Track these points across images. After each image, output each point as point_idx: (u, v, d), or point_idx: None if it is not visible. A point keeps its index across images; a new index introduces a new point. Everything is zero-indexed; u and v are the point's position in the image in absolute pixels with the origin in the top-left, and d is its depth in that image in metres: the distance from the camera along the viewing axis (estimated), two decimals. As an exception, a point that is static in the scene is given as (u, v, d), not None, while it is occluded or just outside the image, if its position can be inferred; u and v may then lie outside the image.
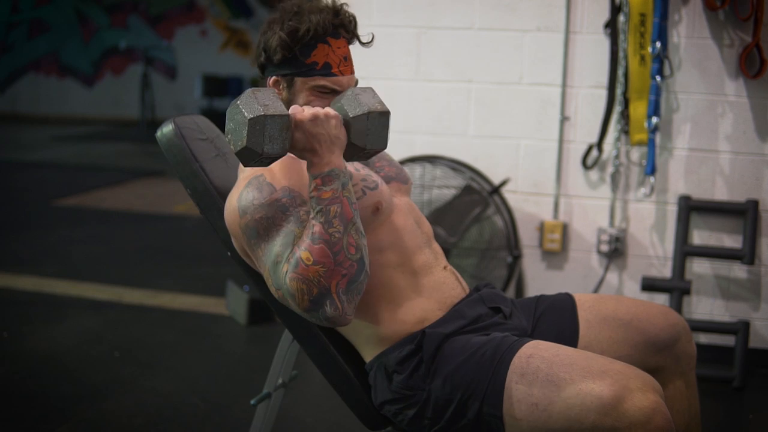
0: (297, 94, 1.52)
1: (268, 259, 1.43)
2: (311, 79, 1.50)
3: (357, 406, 1.67)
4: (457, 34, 3.01)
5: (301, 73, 1.51)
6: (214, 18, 11.46)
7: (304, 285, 1.36)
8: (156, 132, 1.69)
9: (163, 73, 11.57)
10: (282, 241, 1.42)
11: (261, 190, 1.47)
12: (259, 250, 1.45)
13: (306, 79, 1.51)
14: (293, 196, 1.47)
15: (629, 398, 1.33)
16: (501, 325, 1.60)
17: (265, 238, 1.44)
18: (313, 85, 1.51)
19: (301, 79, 1.51)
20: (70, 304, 3.55)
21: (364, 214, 1.53)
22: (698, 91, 2.86)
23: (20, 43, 12.06)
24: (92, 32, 11.88)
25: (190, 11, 11.52)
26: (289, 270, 1.38)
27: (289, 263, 1.39)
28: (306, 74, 1.50)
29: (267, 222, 1.44)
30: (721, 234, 2.92)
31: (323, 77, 1.50)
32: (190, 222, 5.34)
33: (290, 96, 1.53)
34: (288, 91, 1.53)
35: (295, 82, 1.52)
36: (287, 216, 1.44)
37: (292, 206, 1.45)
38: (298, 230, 1.42)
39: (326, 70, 1.50)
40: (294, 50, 1.49)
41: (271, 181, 1.48)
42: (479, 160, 3.02)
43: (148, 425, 2.42)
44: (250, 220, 1.45)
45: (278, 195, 1.46)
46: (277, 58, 1.50)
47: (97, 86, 11.96)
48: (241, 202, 1.47)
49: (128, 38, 11.29)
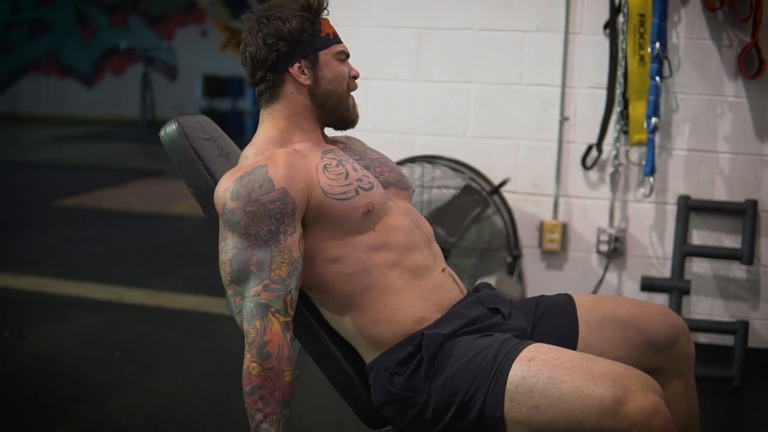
0: (325, 67, 1.62)
1: (240, 253, 1.47)
2: (332, 48, 1.62)
3: (357, 405, 1.67)
4: (457, 34, 3.02)
5: (323, 46, 1.61)
6: (214, 18, 11.47)
7: (248, 335, 1.46)
8: (159, 131, 1.70)
9: (164, 73, 11.57)
10: (260, 252, 1.46)
11: (261, 184, 1.47)
12: (231, 238, 1.48)
13: (327, 51, 1.62)
14: (286, 201, 1.48)
15: (630, 400, 1.33)
16: (500, 326, 1.60)
17: (243, 233, 1.46)
18: (335, 53, 1.63)
19: (324, 52, 1.62)
20: (70, 304, 3.55)
21: (354, 215, 1.54)
22: (697, 91, 2.86)
23: (21, 43, 12.07)
24: (92, 32, 11.89)
25: (190, 11, 11.53)
26: (258, 315, 1.45)
27: (265, 314, 1.45)
28: (327, 45, 1.62)
29: (253, 218, 1.46)
30: (720, 234, 2.93)
31: (338, 44, 1.64)
32: (190, 222, 5.34)
33: (317, 74, 1.61)
34: (313, 71, 1.61)
35: (319, 56, 1.61)
36: (272, 223, 1.46)
37: (281, 215, 1.47)
38: (275, 250, 1.46)
39: (336, 38, 1.64)
40: (314, 22, 1.60)
41: (273, 176, 1.49)
42: (479, 160, 3.03)
43: (148, 425, 2.43)
44: (238, 208, 1.47)
45: (273, 196, 1.47)
46: (305, 37, 1.59)
47: (98, 86, 11.97)
48: (237, 186, 1.48)
49: (128, 38, 11.30)
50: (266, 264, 1.46)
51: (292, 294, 1.48)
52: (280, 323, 1.45)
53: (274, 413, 1.45)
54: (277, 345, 1.44)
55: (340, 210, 1.53)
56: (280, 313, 1.46)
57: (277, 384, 1.44)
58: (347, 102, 1.66)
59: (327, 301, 1.60)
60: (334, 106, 1.64)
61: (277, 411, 1.45)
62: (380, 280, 1.56)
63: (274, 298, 1.45)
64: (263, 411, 1.44)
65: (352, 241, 1.55)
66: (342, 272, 1.55)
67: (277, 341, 1.44)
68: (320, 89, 1.62)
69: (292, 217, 1.49)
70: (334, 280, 1.56)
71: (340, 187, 1.54)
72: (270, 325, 1.44)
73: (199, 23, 11.51)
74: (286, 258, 1.47)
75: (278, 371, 1.44)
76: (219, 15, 11.44)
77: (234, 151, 1.78)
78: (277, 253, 1.46)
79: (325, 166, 1.56)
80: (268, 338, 1.44)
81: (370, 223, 1.56)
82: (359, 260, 1.55)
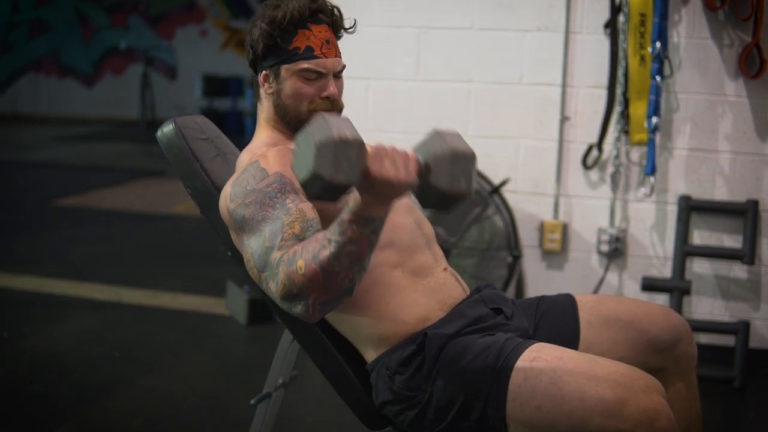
0: (284, 82, 1.56)
1: (255, 243, 1.41)
2: (295, 65, 1.53)
3: (357, 406, 1.66)
4: (457, 34, 3.01)
5: (285, 60, 1.54)
6: (214, 18, 11.47)
7: (288, 281, 1.32)
8: (156, 132, 1.69)
9: (163, 73, 11.57)
10: (270, 227, 1.40)
11: (254, 176, 1.47)
12: (244, 234, 1.45)
13: (290, 66, 1.54)
14: (284, 182, 1.46)
15: (633, 400, 1.33)
16: (503, 326, 1.60)
17: (251, 223, 1.43)
18: (297, 70, 1.54)
19: (286, 67, 1.54)
20: (70, 304, 3.54)
21: None
22: (698, 91, 2.86)
23: (21, 43, 12.07)
24: (92, 32, 11.89)
25: (190, 11, 11.53)
26: (283, 261, 1.34)
27: (285, 255, 1.34)
28: (289, 60, 1.53)
29: (255, 207, 1.43)
30: (721, 234, 2.92)
31: (306, 60, 1.53)
32: (190, 222, 5.34)
33: (278, 86, 1.56)
34: (276, 82, 1.57)
35: (281, 70, 1.55)
36: (274, 202, 1.43)
37: (281, 193, 1.44)
38: (285, 217, 1.39)
39: (308, 53, 1.53)
40: (275, 38, 1.52)
41: (265, 166, 1.48)
42: (479, 160, 3.00)
43: (148, 425, 2.42)
44: (239, 206, 1.46)
45: (269, 180, 1.46)
46: (261, 49, 1.53)
47: (98, 86, 11.97)
48: (233, 188, 1.49)
49: (128, 38, 11.29)
50: (278, 231, 1.38)
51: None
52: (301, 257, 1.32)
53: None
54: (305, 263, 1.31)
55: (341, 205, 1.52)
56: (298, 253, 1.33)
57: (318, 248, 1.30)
58: (308, 119, 1.47)
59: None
60: (292, 121, 1.59)
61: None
62: (383, 279, 1.56)
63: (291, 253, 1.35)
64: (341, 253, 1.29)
65: None
66: None
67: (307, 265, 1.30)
68: (281, 102, 1.59)
69: (295, 194, 1.44)
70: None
71: None
72: (296, 266, 1.31)
73: (199, 23, 11.51)
74: (298, 217, 1.39)
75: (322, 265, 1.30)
76: (219, 15, 11.44)
77: (231, 151, 1.77)
78: (287, 217, 1.39)
79: None
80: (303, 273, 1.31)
81: None
82: None
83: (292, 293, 1.32)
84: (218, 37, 11.43)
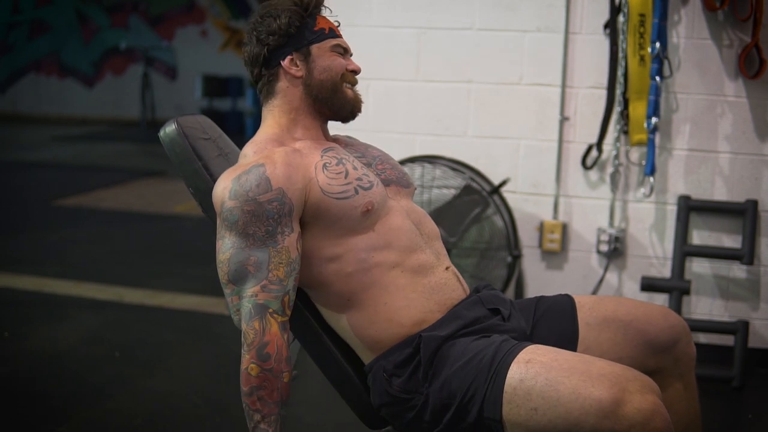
0: (317, 60, 1.63)
1: (237, 251, 1.47)
2: (326, 42, 1.64)
3: (357, 406, 1.67)
4: (457, 34, 3.02)
5: (314, 40, 1.63)
6: (214, 18, 11.48)
7: (244, 334, 1.48)
8: (159, 131, 1.70)
9: (164, 73, 11.58)
10: (258, 253, 1.46)
11: (259, 184, 1.48)
12: (230, 233, 1.48)
13: (322, 44, 1.63)
14: (283, 203, 1.48)
15: (628, 401, 1.33)
16: (499, 327, 1.60)
17: (241, 233, 1.47)
18: (330, 46, 1.64)
19: (317, 45, 1.63)
20: (70, 304, 3.55)
21: (353, 215, 1.54)
22: (698, 91, 2.86)
23: (21, 44, 12.08)
24: (93, 33, 11.89)
25: (190, 11, 11.54)
26: (256, 309, 1.46)
27: (262, 302, 1.46)
28: (319, 39, 1.63)
29: (251, 218, 1.46)
30: (720, 234, 2.93)
31: (334, 39, 1.65)
32: (190, 222, 5.34)
33: (309, 66, 1.63)
34: (305, 63, 1.63)
35: (312, 50, 1.63)
36: (269, 223, 1.46)
37: (278, 215, 1.47)
38: (272, 251, 1.46)
39: (332, 33, 1.65)
40: (306, 19, 1.62)
41: (270, 176, 1.49)
42: (479, 160, 3.03)
43: (148, 425, 2.43)
44: (236, 207, 1.47)
45: (271, 196, 1.47)
46: (292, 31, 1.61)
47: (98, 86, 11.98)
48: (236, 185, 1.48)
49: (128, 38, 11.30)
50: (264, 264, 1.46)
51: (290, 294, 1.48)
52: (278, 323, 1.46)
53: (272, 414, 1.46)
54: (276, 346, 1.45)
55: (339, 209, 1.53)
56: (278, 313, 1.46)
57: (276, 385, 1.45)
58: (343, 91, 1.65)
59: (326, 299, 1.60)
60: (329, 95, 1.64)
61: (275, 411, 1.46)
62: (381, 279, 1.56)
63: (271, 298, 1.46)
64: (261, 411, 1.45)
65: (352, 241, 1.55)
66: (341, 271, 1.55)
67: (276, 342, 1.45)
68: (313, 80, 1.63)
69: (289, 218, 1.49)
70: (333, 279, 1.56)
71: (339, 186, 1.54)
72: (269, 326, 1.45)
73: (199, 23, 11.52)
74: (284, 258, 1.47)
75: (277, 372, 1.45)
76: (219, 15, 11.44)
77: (233, 151, 1.78)
78: (275, 253, 1.47)
79: (324, 164, 1.56)
80: (267, 339, 1.44)
81: (369, 222, 1.56)
82: (359, 259, 1.55)
83: (241, 340, 1.49)
84: (218, 37, 11.44)
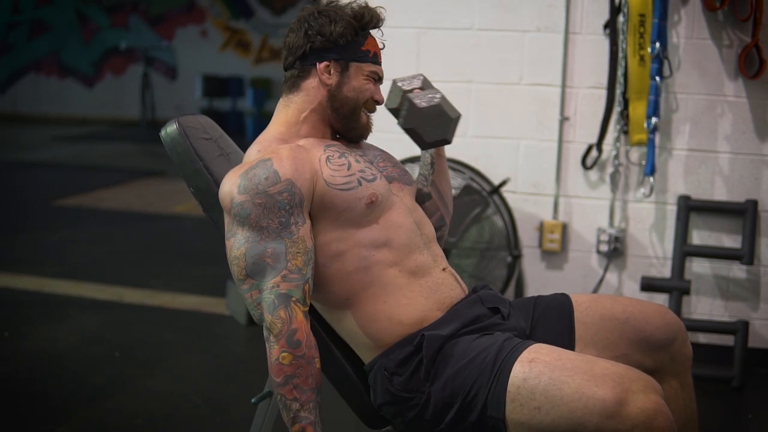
0: (351, 78, 1.63)
1: (252, 245, 1.46)
2: (366, 65, 1.64)
3: (357, 405, 1.67)
4: (457, 34, 3.02)
5: (358, 59, 1.63)
6: (214, 18, 11.47)
7: (267, 328, 1.45)
8: (160, 131, 1.70)
9: (164, 73, 11.57)
10: (274, 245, 1.46)
11: (267, 176, 1.48)
12: (243, 229, 1.47)
13: (361, 65, 1.63)
14: (293, 193, 1.48)
15: (631, 400, 1.33)
16: (500, 326, 1.60)
17: (254, 226, 1.46)
18: (368, 71, 1.64)
19: (356, 65, 1.63)
20: (70, 304, 3.55)
21: (357, 206, 1.54)
22: (697, 91, 2.86)
23: (21, 44, 12.08)
24: (93, 33, 11.89)
25: (190, 11, 11.53)
26: (279, 299, 1.44)
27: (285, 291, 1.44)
28: (361, 59, 1.63)
29: (263, 210, 1.46)
30: (720, 234, 2.93)
31: (374, 65, 1.66)
32: (190, 222, 5.34)
33: (341, 80, 1.62)
34: (340, 75, 1.62)
35: (350, 66, 1.62)
36: (281, 215, 1.46)
37: (290, 206, 1.47)
38: (288, 242, 1.46)
39: (375, 59, 1.66)
40: (358, 33, 1.61)
41: (278, 168, 1.49)
42: (479, 160, 3.03)
43: (148, 425, 2.43)
44: (247, 201, 1.47)
45: (280, 188, 1.48)
46: (341, 42, 1.60)
47: (98, 86, 11.97)
48: (244, 179, 1.49)
49: (128, 38, 11.30)
50: (282, 255, 1.45)
51: (309, 283, 1.48)
52: (302, 312, 1.45)
53: (310, 401, 1.43)
54: (305, 332, 1.44)
55: (344, 200, 1.53)
56: (301, 302, 1.45)
57: (310, 371, 1.43)
58: (360, 116, 1.66)
59: (326, 298, 1.60)
60: (348, 114, 1.65)
61: (312, 398, 1.44)
62: (380, 278, 1.56)
63: (293, 287, 1.45)
64: (299, 400, 1.43)
65: (355, 235, 1.55)
66: (343, 269, 1.55)
67: (304, 329, 1.44)
68: (340, 93, 1.63)
69: (300, 208, 1.49)
70: (334, 278, 1.56)
71: (342, 178, 1.54)
72: (294, 314, 1.44)
73: (199, 23, 11.51)
74: (300, 248, 1.48)
75: (309, 358, 1.43)
76: (219, 15, 11.44)
77: (234, 151, 1.78)
78: (291, 243, 1.47)
79: (327, 157, 1.57)
80: (296, 326, 1.43)
81: (373, 215, 1.57)
82: (360, 257, 1.55)
83: (265, 333, 1.46)
84: (218, 37, 11.43)
